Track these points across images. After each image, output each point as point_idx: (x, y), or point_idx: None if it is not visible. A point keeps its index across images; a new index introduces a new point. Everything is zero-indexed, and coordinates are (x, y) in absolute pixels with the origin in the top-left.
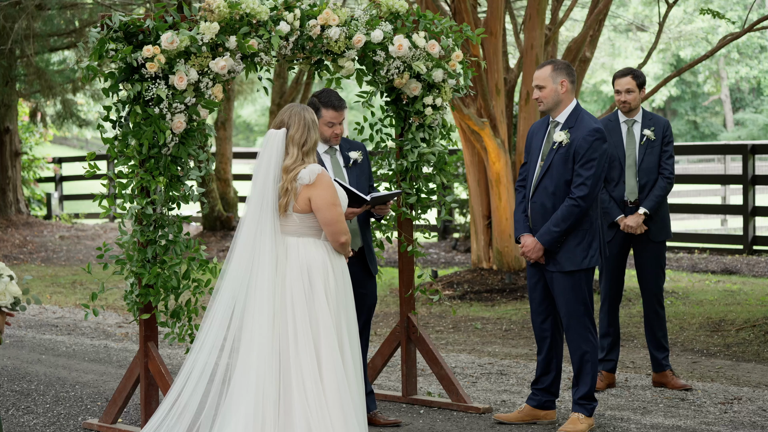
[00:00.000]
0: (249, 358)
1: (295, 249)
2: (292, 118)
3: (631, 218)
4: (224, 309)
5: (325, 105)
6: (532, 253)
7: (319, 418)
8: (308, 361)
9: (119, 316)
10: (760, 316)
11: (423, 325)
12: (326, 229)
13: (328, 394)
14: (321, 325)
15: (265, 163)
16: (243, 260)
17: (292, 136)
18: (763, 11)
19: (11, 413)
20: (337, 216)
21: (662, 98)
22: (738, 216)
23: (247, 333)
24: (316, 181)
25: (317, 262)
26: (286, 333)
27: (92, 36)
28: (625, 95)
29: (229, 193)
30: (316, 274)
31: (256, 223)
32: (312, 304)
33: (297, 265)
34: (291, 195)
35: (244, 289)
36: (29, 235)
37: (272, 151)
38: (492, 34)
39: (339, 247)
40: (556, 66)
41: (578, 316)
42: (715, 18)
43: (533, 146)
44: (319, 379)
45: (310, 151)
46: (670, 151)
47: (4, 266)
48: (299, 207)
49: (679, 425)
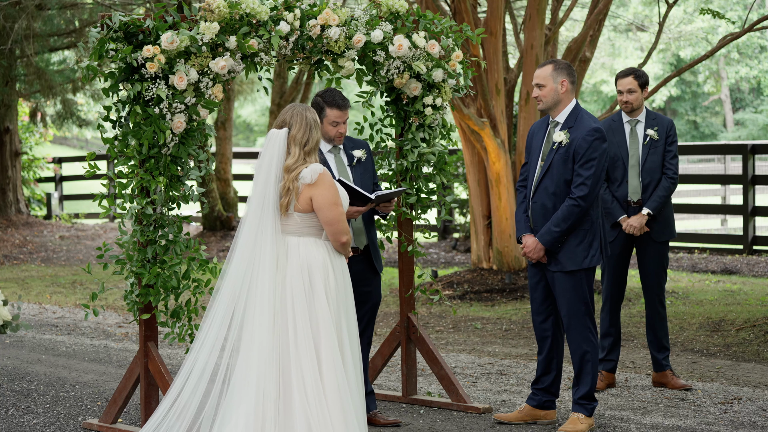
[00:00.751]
0: (249, 357)
1: (296, 248)
2: (294, 118)
3: (633, 219)
4: (224, 309)
5: (330, 104)
6: (533, 253)
7: (319, 418)
8: (308, 361)
9: (119, 316)
10: (760, 316)
11: (423, 325)
12: (327, 228)
13: (328, 394)
14: (321, 324)
15: (266, 162)
16: (244, 260)
17: (294, 135)
18: (763, 11)
19: (11, 413)
20: (338, 215)
21: (662, 98)
22: (738, 216)
23: (247, 332)
24: (317, 181)
25: (318, 262)
26: (287, 332)
27: (92, 36)
28: (626, 95)
29: (229, 193)
30: (316, 274)
31: (257, 223)
32: (312, 304)
33: (297, 265)
34: (292, 194)
35: (245, 288)
36: (29, 235)
37: (274, 151)
38: (492, 34)
39: (340, 247)
40: (557, 65)
41: (579, 316)
42: (715, 18)
43: (533, 146)
44: (320, 378)
45: (311, 150)
46: (673, 151)
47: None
48: (300, 206)
49: (679, 425)
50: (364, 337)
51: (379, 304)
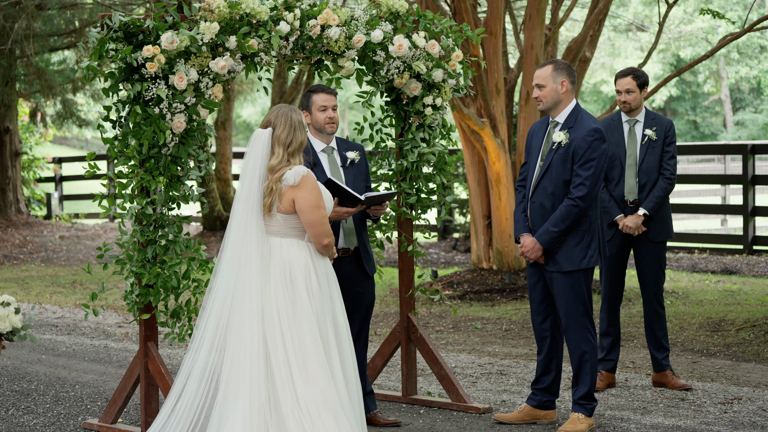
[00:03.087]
0: (240, 358)
1: (279, 249)
2: (278, 119)
3: (630, 218)
4: (219, 307)
5: (316, 91)
6: (531, 253)
7: (309, 418)
8: (295, 362)
9: (119, 316)
10: (760, 316)
11: (423, 325)
12: (309, 230)
13: (316, 394)
14: (305, 325)
15: (251, 162)
16: (234, 259)
17: (278, 136)
18: (763, 11)
19: (11, 413)
20: (320, 218)
21: (662, 98)
22: (738, 216)
23: (235, 332)
24: (300, 183)
25: (300, 263)
26: (273, 333)
27: (92, 36)
28: (625, 95)
29: (229, 193)
30: (298, 275)
31: (244, 222)
32: (294, 305)
33: (280, 266)
34: (275, 195)
35: (232, 287)
36: (29, 235)
37: (258, 151)
38: (492, 34)
39: (322, 249)
40: (557, 66)
41: (577, 316)
42: (715, 18)
43: (533, 146)
44: (306, 378)
45: (295, 151)
46: (672, 152)
47: (13, 300)
48: (283, 208)
49: (679, 425)
50: (360, 338)
51: (373, 304)
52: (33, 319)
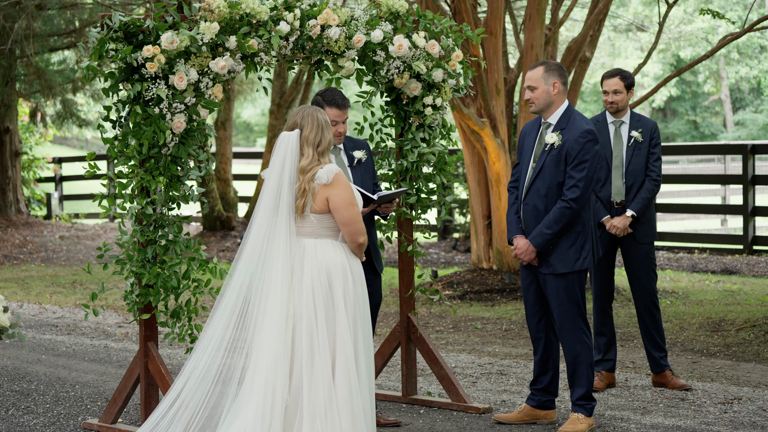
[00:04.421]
0: (259, 361)
1: (313, 250)
2: (305, 119)
3: (617, 219)
4: (230, 311)
5: (329, 103)
6: (525, 256)
7: (329, 422)
8: (323, 366)
9: (119, 316)
10: (760, 316)
11: (423, 325)
12: (344, 229)
13: (340, 400)
14: (338, 329)
15: (278, 165)
16: (252, 263)
17: (307, 136)
18: (763, 11)
19: (11, 413)
20: (354, 215)
21: (662, 98)
22: (738, 216)
23: (258, 335)
24: (333, 181)
25: (337, 265)
26: (302, 335)
27: (92, 36)
28: (612, 96)
29: (229, 193)
30: (335, 277)
31: (267, 227)
32: (330, 308)
33: (316, 268)
34: (308, 196)
35: (253, 292)
36: (29, 235)
37: (286, 153)
38: (492, 34)
39: (356, 248)
40: (549, 67)
41: (571, 318)
42: (715, 18)
43: (525, 147)
44: (333, 384)
45: (325, 151)
46: (657, 153)
47: (2, 298)
48: (317, 207)
49: (679, 425)
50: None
51: (380, 304)
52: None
